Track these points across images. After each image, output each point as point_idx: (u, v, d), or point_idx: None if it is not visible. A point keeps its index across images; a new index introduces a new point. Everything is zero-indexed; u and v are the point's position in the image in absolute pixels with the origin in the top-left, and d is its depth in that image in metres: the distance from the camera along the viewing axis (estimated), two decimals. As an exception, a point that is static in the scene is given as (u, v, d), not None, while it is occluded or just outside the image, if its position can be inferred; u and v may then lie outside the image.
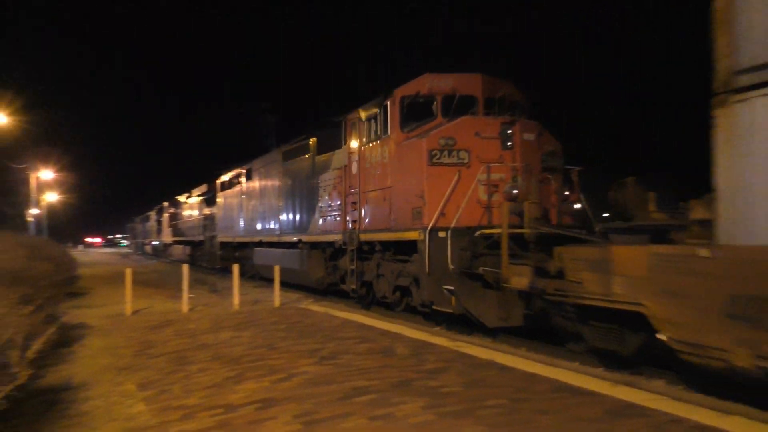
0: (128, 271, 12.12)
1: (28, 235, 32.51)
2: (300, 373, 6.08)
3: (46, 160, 48.42)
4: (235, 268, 13.26)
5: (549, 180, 10.44)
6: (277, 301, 12.74)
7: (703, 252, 5.56)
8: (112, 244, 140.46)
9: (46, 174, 49.51)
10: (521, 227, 8.61)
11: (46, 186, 55.05)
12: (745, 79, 5.44)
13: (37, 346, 3.22)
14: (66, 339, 8.75)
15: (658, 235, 6.92)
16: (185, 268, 12.63)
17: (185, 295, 12.13)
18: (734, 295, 5.21)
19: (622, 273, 6.42)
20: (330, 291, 15.02)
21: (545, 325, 8.24)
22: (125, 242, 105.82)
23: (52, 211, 63.30)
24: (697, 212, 6.16)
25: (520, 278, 8.25)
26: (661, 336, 5.94)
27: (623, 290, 6.37)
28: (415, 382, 5.60)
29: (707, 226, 5.80)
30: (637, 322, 6.29)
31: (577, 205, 11.00)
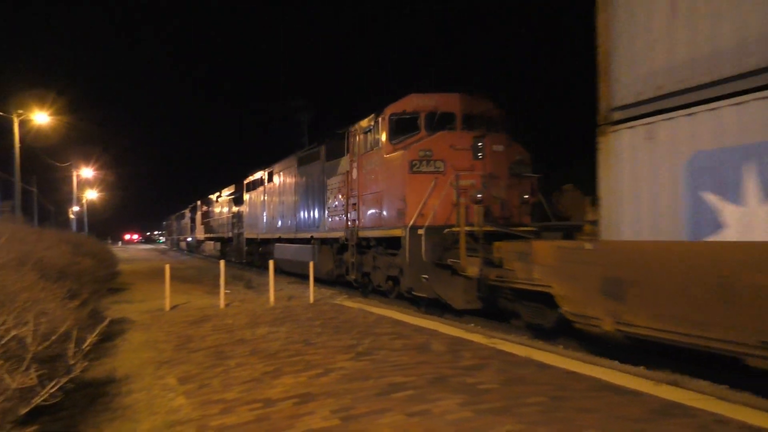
0: (167, 267, 12.34)
1: (71, 231, 33.40)
2: (337, 369, 6.10)
3: (86, 159, 49.77)
4: (271, 264, 13.40)
5: (516, 185, 12.06)
6: (311, 297, 12.83)
7: (587, 245, 7.49)
8: (149, 240, 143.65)
9: (87, 172, 50.89)
10: (494, 226, 10.64)
11: (87, 184, 56.60)
12: (616, 116, 7.27)
13: (91, 338, 3.31)
14: (108, 333, 8.96)
15: (570, 233, 8.73)
16: (222, 264, 12.82)
17: (222, 291, 12.30)
18: (605, 277, 6.97)
19: (539, 262, 8.30)
20: (338, 282, 16.72)
21: (495, 307, 10.13)
22: (162, 239, 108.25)
23: (91, 208, 65.11)
24: (589, 215, 7.75)
25: (473, 267, 10.05)
26: (561, 310, 7.77)
27: (540, 275, 8.24)
28: (451, 379, 5.57)
29: (596, 225, 7.44)
30: (552, 300, 7.93)
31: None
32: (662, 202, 6.65)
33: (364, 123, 14.17)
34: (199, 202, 46.97)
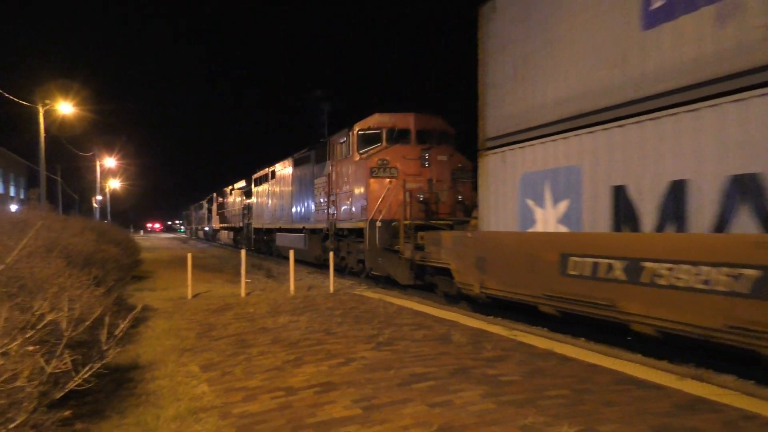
0: (189, 257, 12.47)
1: (95, 220, 33.88)
2: (358, 358, 6.12)
3: (110, 149, 50.46)
4: (291, 253, 13.47)
5: (456, 188, 15.10)
6: (331, 287, 12.88)
7: (468, 234, 10.80)
8: (171, 229, 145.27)
9: (110, 162, 51.54)
10: (423, 220, 13.96)
11: (110, 173, 57.36)
12: (488, 144, 10.44)
13: (124, 325, 3.36)
14: (131, 321, 9.07)
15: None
16: (243, 253, 12.91)
17: (243, 279, 12.39)
18: (476, 256, 9.95)
19: (444, 246, 11.34)
20: (324, 265, 18.39)
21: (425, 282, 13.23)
22: (183, 228, 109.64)
23: (114, 197, 65.99)
24: (475, 214, 11.47)
25: (407, 251, 13.11)
26: (454, 279, 10.83)
27: (444, 256, 11.28)
28: (473, 370, 5.56)
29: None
30: (451, 273, 11.06)
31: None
32: (507, 206, 9.94)
33: (340, 136, 17.28)
34: (215, 194, 49.51)
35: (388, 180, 14.82)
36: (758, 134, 5.86)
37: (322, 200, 18.90)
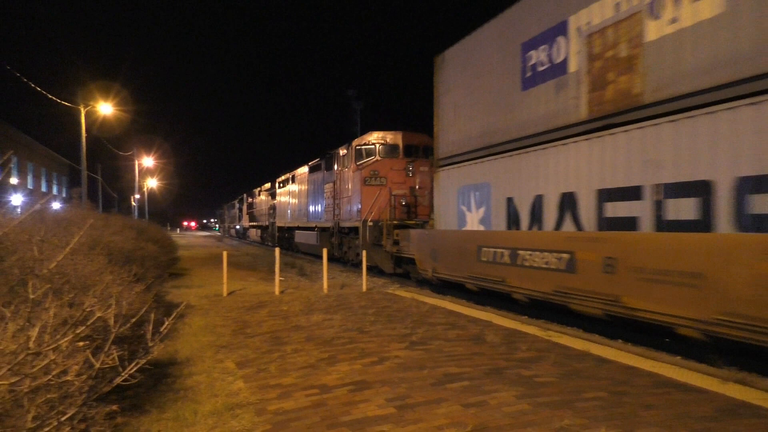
0: (225, 255, 12.66)
1: (133, 218, 34.64)
2: (391, 357, 6.13)
3: (147, 148, 51.57)
4: (324, 252, 13.56)
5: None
6: (364, 286, 12.92)
7: (426, 232, 13.94)
8: (206, 227, 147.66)
9: (148, 161, 52.65)
10: (401, 220, 17.11)
11: (148, 172, 58.59)
12: (440, 162, 13.34)
13: (169, 322, 3.44)
14: (169, 317, 9.25)
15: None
16: (277, 252, 13.05)
17: (277, 278, 12.53)
18: (431, 248, 13.11)
19: (411, 241, 14.45)
20: (337, 260, 21.88)
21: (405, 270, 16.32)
22: (218, 226, 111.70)
23: (151, 196, 67.39)
24: (432, 216, 14.12)
25: (388, 245, 16.24)
26: (417, 267, 13.91)
27: (412, 249, 14.41)
28: (507, 371, 5.52)
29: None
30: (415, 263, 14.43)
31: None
32: (449, 210, 12.98)
33: (342, 149, 20.90)
34: (245, 195, 53.37)
35: (378, 187, 18.38)
36: (572, 168, 9.02)
37: (329, 203, 22.30)
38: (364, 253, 14.10)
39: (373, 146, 19.07)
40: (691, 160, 6.90)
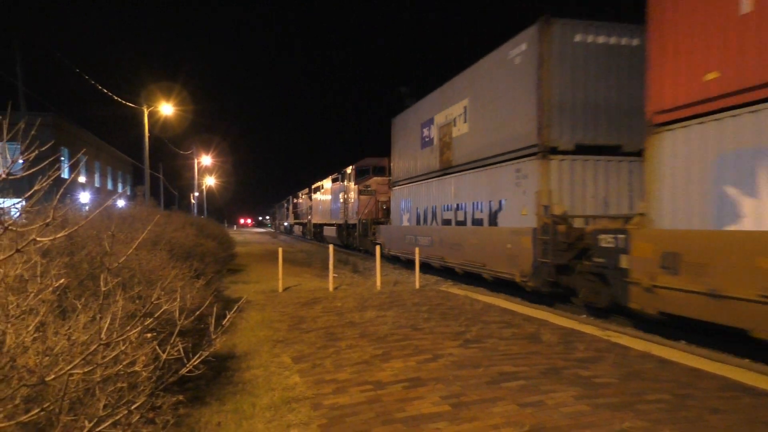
0: (280, 251, 12.89)
1: (193, 215, 35.71)
2: (446, 355, 6.10)
3: (206, 147, 53.08)
4: (378, 249, 13.63)
5: None
6: (417, 283, 12.91)
7: (385, 226, 23.87)
8: (261, 224, 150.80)
9: (206, 160, 54.13)
10: (379, 219, 25.99)
11: (206, 171, 60.24)
12: (394, 184, 22.68)
13: (231, 316, 3.53)
14: (227, 311, 9.48)
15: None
16: (331, 249, 13.19)
17: (331, 274, 12.67)
18: (387, 236, 22.65)
19: (380, 232, 23.79)
20: (349, 246, 30.86)
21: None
22: (270, 223, 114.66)
23: (209, 193, 69.26)
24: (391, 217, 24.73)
25: (370, 236, 25.58)
26: (384, 250, 21.21)
27: (380, 237, 23.47)
28: (565, 371, 5.40)
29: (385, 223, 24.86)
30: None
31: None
32: (396, 215, 22.05)
33: (348, 169, 29.80)
34: (290, 197, 63.60)
35: (368, 197, 26.65)
36: (433, 193, 17.59)
37: (342, 206, 31.09)
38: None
39: (367, 168, 28.02)
40: (471, 192, 14.77)
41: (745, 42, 6.65)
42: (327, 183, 37.40)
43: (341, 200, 31.14)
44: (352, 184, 28.49)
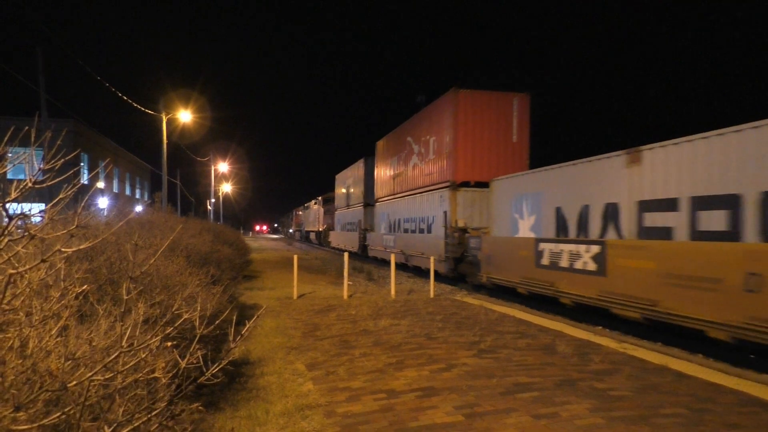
0: (295, 259, 12.94)
1: (209, 221, 35.98)
2: (459, 365, 6.09)
3: (223, 154, 53.62)
4: (392, 257, 13.63)
5: None
6: (431, 292, 12.89)
7: (331, 232, 48.32)
8: (276, 231, 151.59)
9: (223, 166, 54.57)
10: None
11: (222, 178, 60.70)
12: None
13: (250, 324, 3.55)
14: (242, 318, 9.56)
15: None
16: (346, 256, 13.23)
17: (346, 282, 12.69)
18: (334, 237, 43.99)
19: (330, 237, 45.45)
20: (321, 246, 49.43)
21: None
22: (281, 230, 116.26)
23: (225, 199, 69.75)
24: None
25: (327, 239, 49.36)
26: (332, 245, 43.27)
27: (330, 239, 44.77)
28: (580, 383, 5.37)
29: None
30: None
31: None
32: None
33: (320, 198, 49.52)
34: (294, 209, 78.13)
35: (328, 215, 45.68)
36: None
37: (318, 219, 48.49)
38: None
39: (332, 197, 43.61)
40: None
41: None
42: (315, 201, 54.63)
43: (318, 215, 49.99)
44: (320, 208, 48.71)
